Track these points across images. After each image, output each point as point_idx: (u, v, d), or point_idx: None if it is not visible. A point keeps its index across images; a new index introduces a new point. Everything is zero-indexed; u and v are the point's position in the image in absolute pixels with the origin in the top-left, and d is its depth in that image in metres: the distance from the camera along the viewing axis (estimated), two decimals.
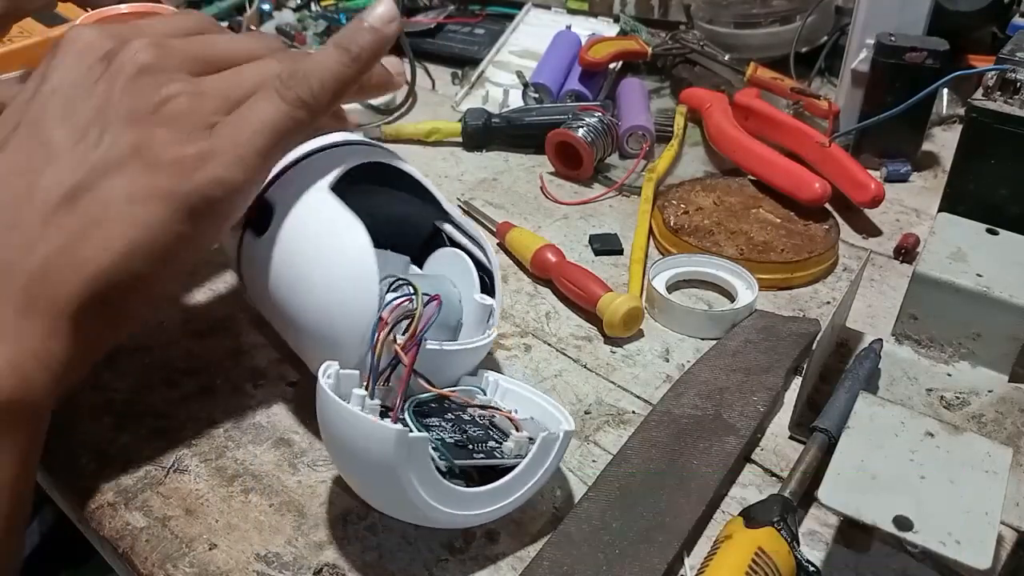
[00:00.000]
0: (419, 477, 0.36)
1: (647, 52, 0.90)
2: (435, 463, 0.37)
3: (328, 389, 0.37)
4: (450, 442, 0.39)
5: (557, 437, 0.40)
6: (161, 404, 0.48)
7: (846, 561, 0.40)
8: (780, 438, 0.47)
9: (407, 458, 0.35)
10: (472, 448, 0.39)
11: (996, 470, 0.36)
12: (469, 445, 0.39)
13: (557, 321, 0.57)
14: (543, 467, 0.40)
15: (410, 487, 0.36)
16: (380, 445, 0.35)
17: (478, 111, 0.81)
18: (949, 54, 0.70)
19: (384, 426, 0.35)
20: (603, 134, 0.73)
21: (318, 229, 0.43)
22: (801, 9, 0.91)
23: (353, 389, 0.39)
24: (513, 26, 0.99)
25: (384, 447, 0.35)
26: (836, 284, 0.61)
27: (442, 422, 0.40)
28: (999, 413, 0.48)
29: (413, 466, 0.35)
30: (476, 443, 0.40)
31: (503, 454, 0.40)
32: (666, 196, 0.68)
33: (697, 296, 0.60)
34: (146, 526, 0.41)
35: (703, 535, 0.41)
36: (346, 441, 0.37)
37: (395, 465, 0.35)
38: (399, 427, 0.35)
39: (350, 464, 0.38)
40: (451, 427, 0.40)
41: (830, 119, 0.77)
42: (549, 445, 0.39)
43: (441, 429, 0.40)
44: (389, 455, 0.35)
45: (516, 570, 0.39)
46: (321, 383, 0.38)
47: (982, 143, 0.57)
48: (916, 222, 0.69)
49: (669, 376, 0.52)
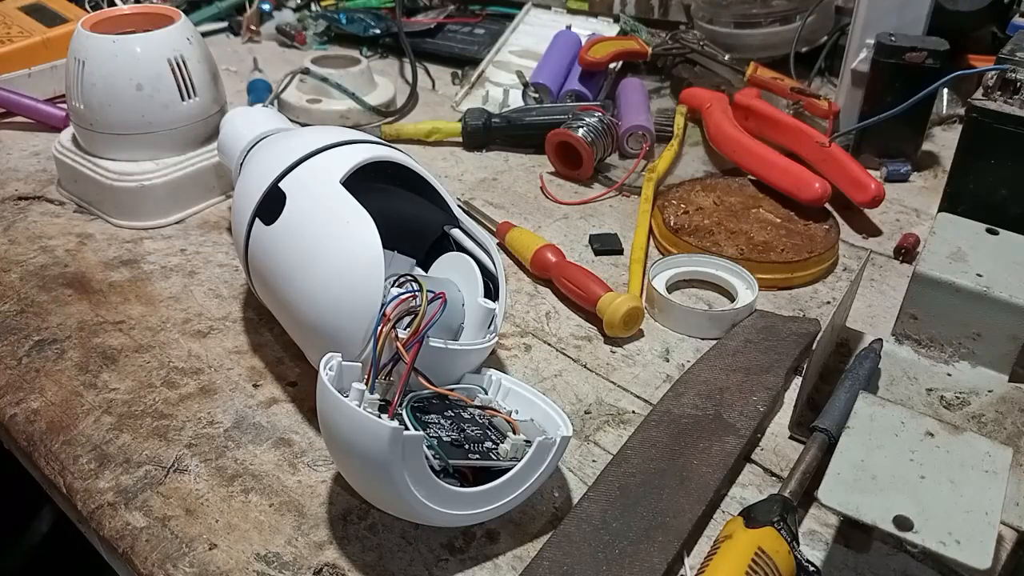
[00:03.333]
0: (412, 475, 0.36)
1: (647, 52, 0.90)
2: (429, 461, 0.37)
3: (328, 381, 0.37)
4: (447, 441, 0.39)
5: (554, 443, 0.39)
6: (161, 404, 0.48)
7: (846, 561, 0.40)
8: (780, 438, 0.47)
9: (401, 455, 0.35)
10: (468, 448, 0.39)
11: (996, 470, 0.36)
12: (465, 445, 0.39)
13: (557, 321, 0.57)
14: (538, 471, 0.40)
15: (403, 484, 0.36)
16: (374, 441, 0.35)
17: (478, 111, 0.81)
18: (949, 54, 0.70)
19: (379, 422, 0.35)
20: (603, 134, 0.73)
21: (327, 219, 0.43)
22: (801, 9, 0.91)
23: (353, 383, 0.39)
24: (513, 26, 0.99)
25: (378, 443, 0.35)
26: (836, 284, 0.61)
27: (441, 420, 0.40)
28: (999, 413, 0.48)
29: (407, 463, 0.35)
30: (473, 443, 0.40)
31: (499, 456, 0.40)
32: (666, 196, 0.68)
33: (697, 296, 0.60)
34: (146, 526, 0.41)
35: (703, 535, 0.41)
36: (342, 435, 0.37)
37: (389, 462, 0.35)
38: (394, 424, 0.35)
39: (345, 458, 0.39)
40: (449, 425, 0.40)
41: (830, 119, 0.77)
42: (545, 450, 0.39)
43: (439, 427, 0.40)
44: (383, 451, 0.35)
45: (516, 570, 0.39)
46: (321, 375, 0.38)
47: (982, 143, 0.57)
48: (916, 222, 0.69)
49: (669, 376, 0.52)
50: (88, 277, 0.60)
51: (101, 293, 0.58)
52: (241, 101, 0.91)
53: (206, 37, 1.09)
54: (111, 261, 0.61)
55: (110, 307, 0.56)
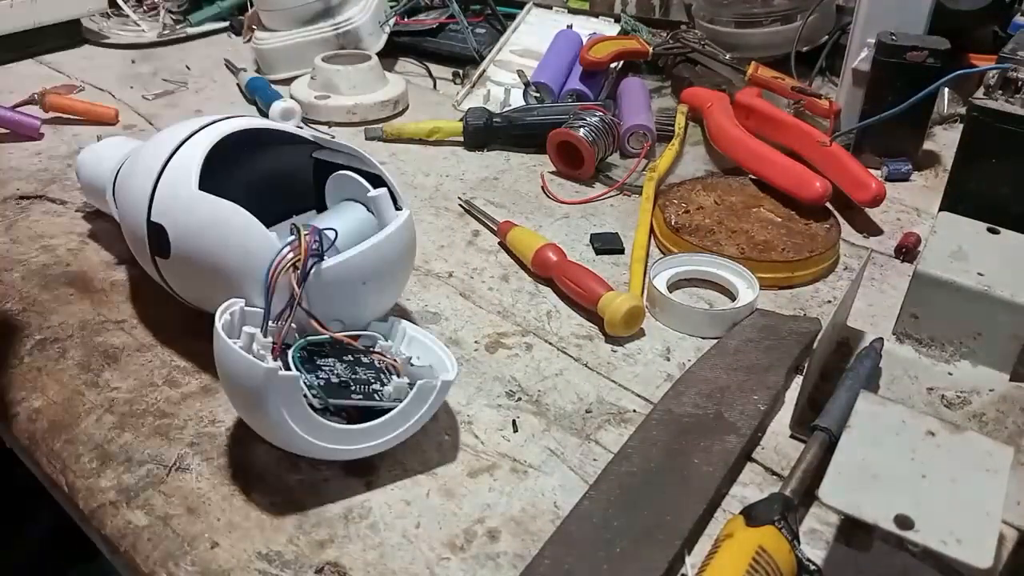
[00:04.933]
0: (290, 411, 0.39)
1: (648, 51, 0.90)
2: (309, 400, 0.40)
3: (220, 326, 0.41)
4: (334, 383, 0.42)
5: (435, 386, 0.42)
6: (163, 403, 0.48)
7: (847, 560, 0.40)
8: (781, 437, 0.47)
9: (277, 393, 0.38)
10: (354, 389, 0.42)
11: (997, 469, 0.36)
12: (352, 387, 0.43)
13: (558, 320, 0.57)
14: (419, 411, 0.43)
15: (281, 419, 0.39)
16: (249, 379, 0.39)
17: (479, 110, 0.81)
18: (950, 53, 0.70)
19: (254, 362, 0.38)
20: (604, 133, 0.73)
21: (206, 226, 0.46)
22: (802, 8, 0.91)
23: (245, 327, 0.43)
24: (515, 25, 0.99)
25: (254, 381, 0.38)
26: (837, 283, 0.61)
27: (336, 363, 0.44)
28: (1000, 412, 0.48)
29: (283, 400, 0.39)
30: (360, 384, 0.43)
31: (382, 396, 0.43)
32: (667, 195, 0.68)
33: (698, 295, 0.60)
34: (148, 525, 0.41)
35: (704, 534, 0.41)
36: (226, 374, 0.41)
37: (264, 399, 0.38)
38: (269, 365, 0.38)
39: (232, 396, 0.42)
40: (343, 368, 0.44)
41: (831, 118, 0.77)
42: (427, 392, 0.42)
43: (330, 369, 0.43)
44: (257, 389, 0.38)
45: (517, 568, 0.39)
46: (216, 319, 0.41)
47: (983, 142, 0.57)
48: (917, 221, 0.69)
49: (670, 375, 0.52)
50: (90, 276, 0.60)
51: (103, 292, 0.58)
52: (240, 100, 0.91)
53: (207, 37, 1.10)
54: (113, 260, 0.61)
55: (112, 306, 0.56)
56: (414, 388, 0.42)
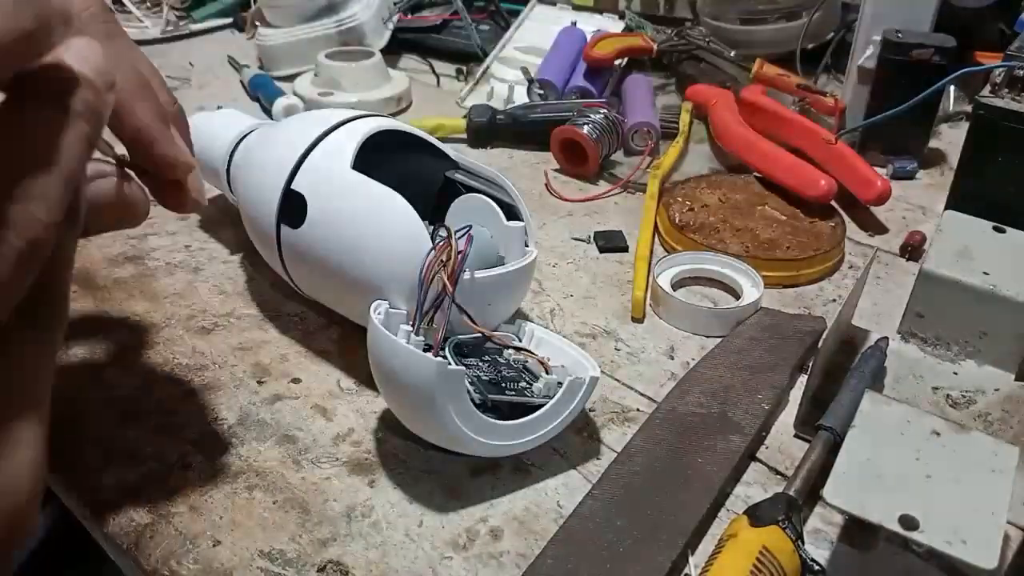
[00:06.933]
0: (455, 406, 0.39)
1: (652, 48, 0.90)
2: (470, 395, 0.41)
3: (379, 323, 0.41)
4: (485, 379, 0.43)
5: (583, 381, 0.43)
6: (166, 401, 0.48)
7: (851, 560, 0.40)
8: (785, 436, 0.47)
9: (445, 388, 0.39)
10: (505, 386, 0.43)
11: (1002, 469, 0.36)
12: (502, 383, 0.43)
13: (561, 318, 0.56)
14: (569, 407, 0.43)
15: (447, 414, 0.39)
16: (422, 375, 0.39)
17: (483, 107, 0.81)
18: (956, 51, 0.70)
19: (427, 357, 0.39)
20: (608, 131, 0.73)
21: (357, 209, 0.45)
22: (807, 5, 0.91)
23: (400, 325, 0.43)
24: (519, 22, 0.99)
25: (426, 377, 0.39)
26: (842, 282, 0.61)
27: (479, 362, 0.45)
28: (1005, 412, 0.48)
29: (450, 396, 0.39)
30: (509, 382, 0.44)
31: (532, 394, 0.44)
32: (671, 193, 0.68)
33: (702, 293, 0.60)
34: (150, 522, 0.41)
35: (707, 533, 0.41)
36: (392, 371, 0.40)
37: (434, 394, 0.39)
38: (440, 359, 0.39)
39: (395, 393, 0.42)
40: (487, 367, 0.44)
41: (836, 116, 0.77)
42: (576, 388, 0.43)
43: (477, 368, 0.44)
44: (430, 384, 0.38)
45: (520, 567, 0.39)
46: (372, 317, 0.42)
47: (989, 140, 0.57)
48: (922, 219, 0.69)
49: (674, 374, 0.51)
50: (92, 273, 0.60)
51: (106, 289, 0.58)
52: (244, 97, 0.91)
53: (210, 33, 1.10)
54: (115, 257, 0.61)
55: (114, 303, 0.56)
56: (563, 384, 0.43)
